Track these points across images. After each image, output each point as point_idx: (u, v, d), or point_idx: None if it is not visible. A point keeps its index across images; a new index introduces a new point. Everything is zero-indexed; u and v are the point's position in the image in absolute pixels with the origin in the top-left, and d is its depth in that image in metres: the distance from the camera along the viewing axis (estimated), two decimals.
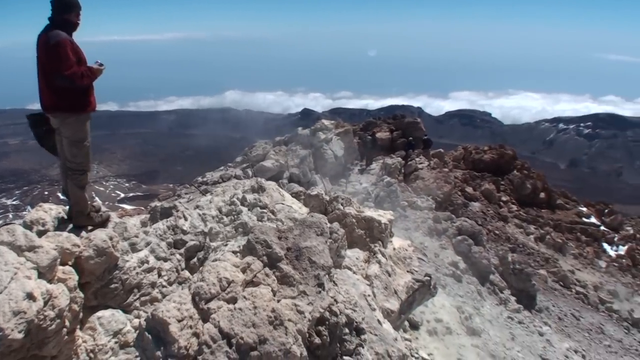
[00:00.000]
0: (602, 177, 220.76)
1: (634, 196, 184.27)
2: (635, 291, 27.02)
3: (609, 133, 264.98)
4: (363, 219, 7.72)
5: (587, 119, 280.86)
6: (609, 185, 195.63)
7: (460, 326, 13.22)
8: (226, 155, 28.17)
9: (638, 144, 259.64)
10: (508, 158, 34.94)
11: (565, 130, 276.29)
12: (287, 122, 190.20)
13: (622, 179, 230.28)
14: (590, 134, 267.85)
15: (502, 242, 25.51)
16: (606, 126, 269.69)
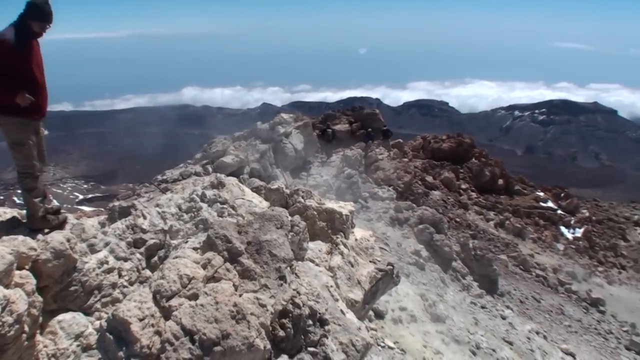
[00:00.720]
0: (557, 162, 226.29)
1: (588, 180, 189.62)
2: (593, 272, 27.79)
3: (563, 119, 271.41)
4: (324, 211, 7.74)
5: (541, 105, 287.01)
6: (565, 170, 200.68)
7: (425, 313, 13.38)
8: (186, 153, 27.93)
9: (591, 129, 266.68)
10: (466, 146, 35.48)
11: (520, 117, 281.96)
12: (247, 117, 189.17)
13: (577, 163, 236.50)
14: (545, 121, 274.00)
15: (463, 229, 25.92)
16: (560, 112, 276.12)
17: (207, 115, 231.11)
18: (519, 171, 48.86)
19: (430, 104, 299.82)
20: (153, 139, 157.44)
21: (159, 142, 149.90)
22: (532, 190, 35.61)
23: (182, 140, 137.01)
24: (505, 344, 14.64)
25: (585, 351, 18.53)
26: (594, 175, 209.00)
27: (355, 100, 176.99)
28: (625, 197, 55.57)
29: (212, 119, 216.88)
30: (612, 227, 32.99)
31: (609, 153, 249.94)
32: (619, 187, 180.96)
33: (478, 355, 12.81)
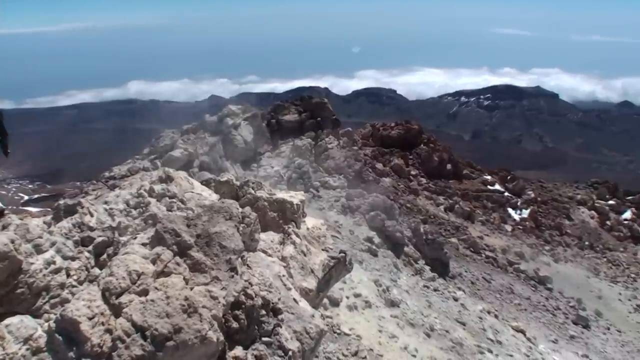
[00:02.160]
0: (503, 145, 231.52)
1: (533, 162, 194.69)
2: (540, 251, 28.64)
3: (507, 104, 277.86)
4: (275, 201, 7.74)
5: (486, 91, 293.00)
6: (510, 153, 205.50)
7: (379, 299, 13.57)
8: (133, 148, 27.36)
9: (534, 112, 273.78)
10: (415, 133, 35.95)
11: (467, 103, 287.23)
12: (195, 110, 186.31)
13: (522, 146, 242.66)
14: (490, 106, 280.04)
15: (414, 215, 26.30)
16: (504, 97, 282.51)
17: (154, 109, 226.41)
18: (467, 156, 49.77)
19: (379, 92, 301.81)
20: (99, 136, 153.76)
21: (106, 138, 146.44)
22: (480, 174, 36.39)
23: (130, 135, 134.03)
24: (458, 324, 14.97)
25: (534, 327, 19.12)
26: (538, 157, 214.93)
27: (304, 90, 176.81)
28: (568, 177, 57.29)
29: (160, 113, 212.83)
30: (557, 207, 34.04)
31: (552, 135, 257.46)
32: (562, 168, 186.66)
33: (432, 337, 13.06)
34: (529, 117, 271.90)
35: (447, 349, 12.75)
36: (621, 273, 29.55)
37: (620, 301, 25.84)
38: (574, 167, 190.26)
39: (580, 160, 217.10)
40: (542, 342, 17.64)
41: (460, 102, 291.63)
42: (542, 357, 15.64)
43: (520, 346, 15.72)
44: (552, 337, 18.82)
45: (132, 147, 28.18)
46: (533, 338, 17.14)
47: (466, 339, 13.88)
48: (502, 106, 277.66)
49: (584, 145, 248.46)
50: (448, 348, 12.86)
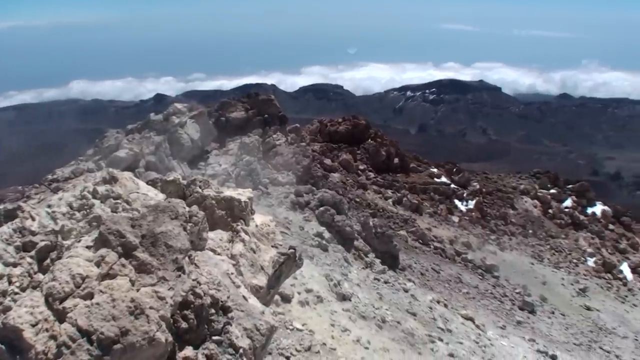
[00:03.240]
0: (448, 138, 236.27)
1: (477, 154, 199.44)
2: (486, 240, 29.34)
3: (452, 97, 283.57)
4: (223, 199, 7.68)
5: (431, 85, 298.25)
6: (455, 146, 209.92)
7: (331, 293, 13.63)
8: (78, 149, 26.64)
9: (478, 106, 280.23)
10: (362, 128, 36.24)
11: (412, 97, 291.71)
12: (141, 109, 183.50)
13: (466, 139, 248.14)
14: (436, 100, 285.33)
15: (363, 209, 26.54)
16: (449, 91, 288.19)
17: (98, 109, 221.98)
18: (413, 149, 50.53)
19: (326, 88, 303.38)
20: (41, 137, 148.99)
21: (48, 140, 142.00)
22: (427, 167, 36.99)
23: (73, 136, 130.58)
24: (409, 315, 15.19)
25: (483, 315, 19.59)
26: (482, 149, 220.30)
27: (251, 87, 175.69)
28: (511, 168, 58.82)
29: (104, 113, 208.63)
30: (501, 197, 34.94)
31: (495, 128, 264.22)
32: (505, 160, 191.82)
33: (384, 329, 13.22)
34: (473, 111, 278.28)
35: (399, 340, 12.93)
36: (563, 259, 30.61)
37: (563, 286, 26.75)
38: (517, 158, 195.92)
39: (522, 151, 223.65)
40: (491, 328, 18.09)
41: (406, 96, 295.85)
42: (490, 343, 16.03)
43: (469, 333, 16.08)
44: (499, 323, 19.32)
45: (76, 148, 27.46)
46: (482, 325, 17.55)
47: (417, 329, 14.11)
48: (447, 100, 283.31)
49: (526, 137, 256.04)
50: (400, 339, 13.04)
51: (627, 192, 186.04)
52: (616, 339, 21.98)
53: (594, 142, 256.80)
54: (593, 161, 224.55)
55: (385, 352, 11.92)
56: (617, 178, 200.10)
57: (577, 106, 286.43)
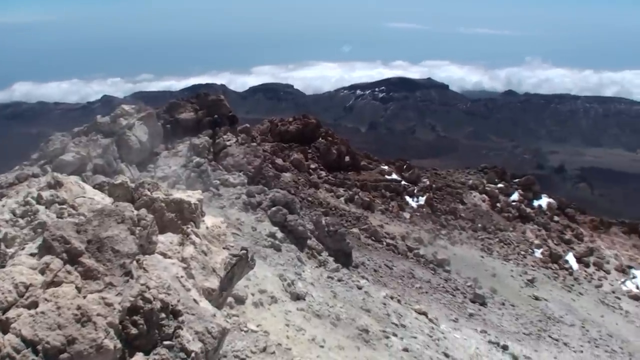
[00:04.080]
0: (398, 136, 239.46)
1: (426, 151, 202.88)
2: (437, 235, 29.81)
3: (400, 95, 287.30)
4: (172, 201, 7.56)
5: (380, 84, 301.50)
6: (405, 143, 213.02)
7: (285, 293, 13.61)
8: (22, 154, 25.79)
9: (426, 103, 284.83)
10: (312, 127, 36.29)
11: (362, 96, 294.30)
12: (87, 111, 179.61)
13: (416, 136, 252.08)
14: (385, 98, 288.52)
15: (315, 208, 26.59)
16: (398, 89, 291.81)
17: (43, 111, 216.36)
18: (364, 147, 51.01)
19: (276, 88, 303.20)
20: None
21: None
22: (377, 165, 37.32)
23: (17, 140, 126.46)
24: (363, 312, 15.30)
25: (436, 308, 19.89)
26: (431, 146, 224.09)
27: (201, 88, 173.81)
28: (460, 164, 60.04)
29: (49, 116, 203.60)
30: (451, 192, 35.54)
31: (443, 125, 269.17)
32: (453, 156, 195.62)
33: (339, 327, 13.27)
34: (421, 108, 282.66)
35: (353, 337, 13.01)
36: (512, 251, 31.38)
37: (512, 277, 27.44)
38: (465, 154, 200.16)
39: (470, 147, 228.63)
40: (444, 322, 18.39)
41: (356, 95, 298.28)
42: (444, 336, 16.29)
43: (423, 327, 16.30)
44: (452, 316, 19.66)
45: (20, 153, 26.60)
46: (435, 319, 17.81)
47: (372, 325, 14.21)
48: (396, 98, 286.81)
49: (473, 133, 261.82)
50: (355, 336, 13.11)
51: (571, 184, 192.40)
52: (564, 327, 22.67)
53: (538, 137, 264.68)
54: (538, 155, 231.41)
55: (340, 350, 11.97)
56: (561, 171, 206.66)
57: (522, 102, 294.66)
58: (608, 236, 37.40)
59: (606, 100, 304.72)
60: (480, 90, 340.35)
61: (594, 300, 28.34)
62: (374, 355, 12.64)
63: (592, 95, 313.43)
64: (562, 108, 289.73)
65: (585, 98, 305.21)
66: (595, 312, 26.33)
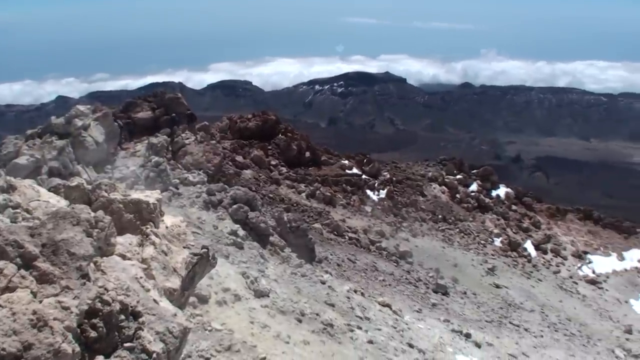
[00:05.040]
0: (358, 130, 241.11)
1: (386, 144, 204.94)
2: (398, 228, 30.10)
3: (359, 90, 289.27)
4: (130, 202, 7.45)
5: (339, 78, 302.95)
6: (365, 137, 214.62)
7: (248, 291, 13.56)
8: None
9: (385, 97, 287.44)
10: (272, 123, 36.19)
11: (321, 91, 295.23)
12: (42, 112, 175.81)
13: (375, 130, 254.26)
14: (344, 92, 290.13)
15: (277, 204, 26.54)
16: (356, 84, 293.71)
17: None
18: (324, 142, 51.05)
19: (234, 84, 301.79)
20: None
21: None
22: (338, 160, 37.45)
23: None
24: (327, 306, 15.35)
25: (399, 300, 20.10)
26: (391, 139, 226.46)
27: (158, 86, 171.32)
28: (419, 156, 60.69)
29: (2, 119, 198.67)
30: (411, 185, 35.94)
31: (402, 118, 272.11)
32: (412, 148, 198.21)
33: (304, 322, 13.30)
34: (380, 102, 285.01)
35: (318, 332, 13.05)
36: (472, 241, 31.95)
37: (473, 266, 27.94)
38: (424, 146, 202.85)
39: (428, 139, 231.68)
40: (408, 313, 18.60)
41: (314, 90, 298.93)
42: (408, 327, 16.47)
43: (387, 319, 16.46)
44: (416, 307, 19.89)
45: None
46: (399, 310, 18.00)
47: (336, 319, 14.27)
48: (355, 92, 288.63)
49: (431, 126, 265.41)
50: (319, 330, 13.16)
51: (527, 174, 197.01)
52: (524, 313, 23.19)
53: (495, 128, 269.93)
54: (495, 146, 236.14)
55: (305, 345, 12.00)
56: (517, 161, 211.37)
57: (478, 94, 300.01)
58: (564, 223, 38.42)
59: (559, 90, 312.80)
60: (438, 83, 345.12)
61: (552, 286, 29.09)
62: (340, 349, 12.71)
63: (546, 86, 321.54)
64: (517, 99, 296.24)
65: (539, 89, 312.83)
66: (554, 298, 27.03)
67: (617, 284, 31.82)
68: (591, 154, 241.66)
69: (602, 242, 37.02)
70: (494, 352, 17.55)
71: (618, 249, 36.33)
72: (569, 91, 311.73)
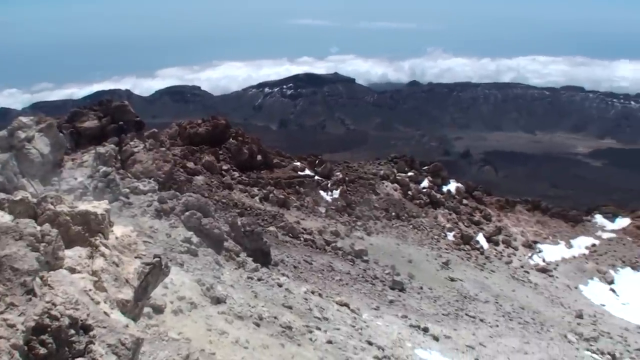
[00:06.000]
0: (309, 132, 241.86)
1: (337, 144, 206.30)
2: (353, 227, 30.28)
3: (309, 91, 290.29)
4: (78, 214, 7.28)
5: (288, 81, 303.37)
6: (316, 138, 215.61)
7: (204, 298, 13.41)
8: None
9: (335, 97, 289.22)
10: (222, 128, 35.92)
11: (271, 93, 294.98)
12: None
13: (326, 130, 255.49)
14: (294, 94, 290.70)
15: (230, 209, 26.35)
16: (306, 85, 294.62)
17: None
18: (276, 145, 51.01)
19: (183, 90, 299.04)
20: None
21: None
22: (290, 162, 37.46)
23: None
24: (285, 309, 15.32)
25: (357, 299, 20.22)
26: (342, 139, 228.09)
27: (104, 94, 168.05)
28: (370, 155, 61.32)
29: None
30: (364, 184, 36.24)
31: (352, 118, 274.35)
32: (364, 148, 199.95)
33: (262, 326, 13.24)
34: (330, 103, 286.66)
35: (277, 335, 13.01)
36: (426, 236, 32.46)
37: (428, 261, 28.36)
38: (374, 145, 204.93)
39: (379, 138, 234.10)
40: (366, 311, 18.71)
41: (264, 93, 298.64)
42: (366, 325, 16.57)
43: (345, 319, 16.52)
44: (373, 305, 20.05)
45: None
46: (357, 309, 18.09)
47: (294, 321, 14.26)
48: (305, 94, 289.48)
49: (381, 125, 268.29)
50: (278, 333, 13.12)
51: (476, 168, 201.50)
52: (479, 304, 23.66)
53: (443, 125, 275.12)
54: (444, 142, 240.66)
55: (264, 349, 11.94)
56: (466, 156, 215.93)
57: (426, 92, 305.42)
58: (514, 214, 39.44)
59: (504, 86, 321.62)
60: (386, 82, 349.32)
61: (505, 276, 29.80)
62: (299, 351, 12.70)
63: (491, 82, 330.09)
64: (464, 95, 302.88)
65: (484, 85, 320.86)
66: (507, 287, 27.67)
67: (566, 271, 32.84)
68: (537, 147, 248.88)
69: (550, 231, 38.16)
70: (452, 344, 17.83)
71: (566, 237, 37.54)
72: (513, 86, 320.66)
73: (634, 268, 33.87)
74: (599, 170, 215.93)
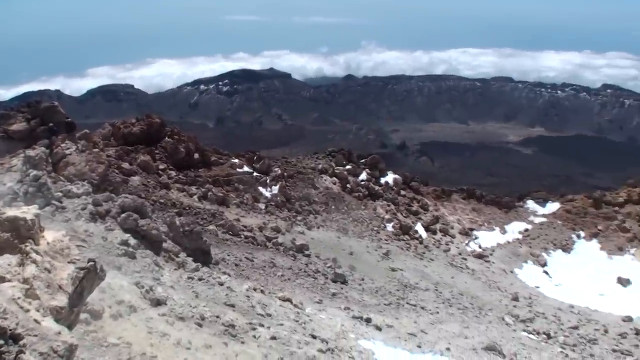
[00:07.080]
0: (246, 128, 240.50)
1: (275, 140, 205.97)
2: (294, 222, 30.32)
3: (245, 87, 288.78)
4: (6, 220, 7.03)
5: (224, 77, 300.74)
6: (253, 135, 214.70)
7: (144, 301, 13.15)
8: None
9: (271, 93, 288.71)
10: (157, 127, 35.25)
11: (207, 91, 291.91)
12: None
13: (264, 127, 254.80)
14: (230, 91, 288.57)
15: (168, 210, 25.87)
16: (242, 82, 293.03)
17: None
18: (213, 143, 50.51)
19: (115, 89, 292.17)
20: None
21: None
22: (228, 159, 37.13)
23: None
24: (227, 308, 15.21)
25: (300, 294, 20.27)
26: (279, 135, 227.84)
27: (33, 95, 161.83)
28: (308, 150, 61.57)
29: None
30: (303, 179, 36.34)
31: (289, 114, 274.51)
32: (302, 142, 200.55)
33: (204, 326, 13.10)
34: (266, 99, 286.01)
35: (220, 334, 12.91)
36: (366, 228, 32.84)
37: (369, 253, 28.70)
38: (312, 140, 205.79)
39: (317, 133, 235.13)
40: (309, 305, 18.78)
41: (200, 90, 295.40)
42: (310, 319, 16.64)
43: (289, 314, 16.54)
44: (316, 298, 20.14)
45: None
46: (300, 304, 18.12)
47: (237, 319, 14.17)
48: (241, 90, 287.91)
49: (319, 119, 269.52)
50: (221, 333, 13.02)
51: (413, 159, 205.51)
52: (420, 293, 24.13)
53: (379, 118, 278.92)
54: (381, 135, 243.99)
55: (208, 349, 11.82)
56: (403, 148, 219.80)
57: (362, 86, 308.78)
58: (450, 203, 40.42)
59: (437, 78, 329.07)
60: (322, 77, 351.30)
61: (444, 264, 30.51)
62: (243, 349, 12.63)
63: (425, 75, 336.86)
64: (399, 88, 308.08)
65: (418, 78, 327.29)
66: (446, 275, 28.34)
67: (502, 256, 33.93)
68: (470, 137, 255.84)
69: (485, 218, 39.31)
70: (395, 333, 18.10)
71: (500, 223, 38.77)
72: (446, 78, 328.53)
73: (565, 250, 35.36)
74: (530, 157, 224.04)
